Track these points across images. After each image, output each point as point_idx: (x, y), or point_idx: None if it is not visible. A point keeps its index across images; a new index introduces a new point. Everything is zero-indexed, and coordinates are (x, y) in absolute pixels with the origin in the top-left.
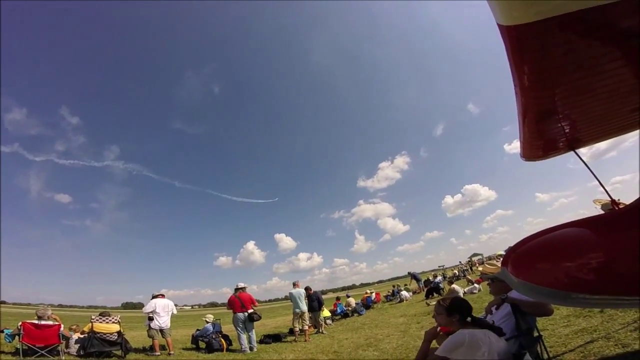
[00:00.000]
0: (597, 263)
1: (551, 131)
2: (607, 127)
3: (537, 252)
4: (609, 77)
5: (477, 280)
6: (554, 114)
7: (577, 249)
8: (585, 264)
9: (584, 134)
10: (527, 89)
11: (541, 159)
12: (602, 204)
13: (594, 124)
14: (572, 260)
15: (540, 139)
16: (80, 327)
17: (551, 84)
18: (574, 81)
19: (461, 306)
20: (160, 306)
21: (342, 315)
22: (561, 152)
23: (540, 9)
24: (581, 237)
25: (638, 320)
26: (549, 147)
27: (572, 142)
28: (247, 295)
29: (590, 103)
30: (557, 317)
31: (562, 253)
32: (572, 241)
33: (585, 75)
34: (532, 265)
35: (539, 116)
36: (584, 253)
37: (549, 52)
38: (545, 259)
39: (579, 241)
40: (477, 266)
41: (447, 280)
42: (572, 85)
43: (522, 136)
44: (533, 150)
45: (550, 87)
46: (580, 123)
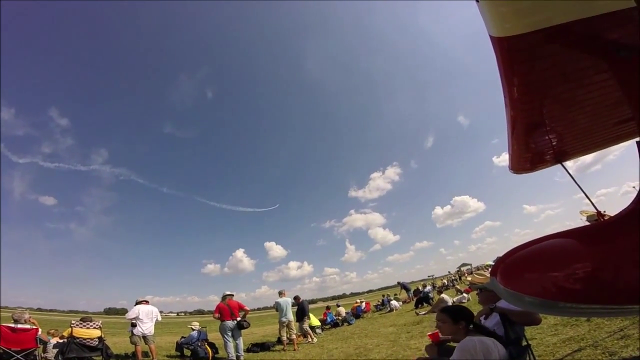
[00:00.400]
0: (583, 273)
1: (539, 144)
2: (593, 140)
3: (526, 262)
4: (595, 89)
5: (466, 289)
6: (542, 126)
7: (564, 259)
8: (572, 274)
9: (571, 146)
10: (516, 101)
11: (529, 171)
12: (587, 215)
13: (580, 136)
14: (560, 270)
15: (529, 151)
16: (59, 331)
17: (540, 96)
18: (561, 93)
19: (466, 313)
20: (144, 312)
21: (332, 324)
22: (548, 164)
23: (531, 21)
24: (568, 248)
25: (624, 328)
26: (537, 160)
27: (559, 155)
28: (236, 302)
29: (577, 115)
30: (545, 326)
31: (550, 263)
32: (559, 251)
33: (573, 88)
34: (521, 275)
35: (527, 128)
36: (571, 263)
37: (539, 63)
38: (533, 269)
39: (566, 251)
40: (466, 276)
41: (437, 289)
42: (560, 97)
43: (511, 148)
44: (521, 163)
45: (539, 99)
46: (567, 136)
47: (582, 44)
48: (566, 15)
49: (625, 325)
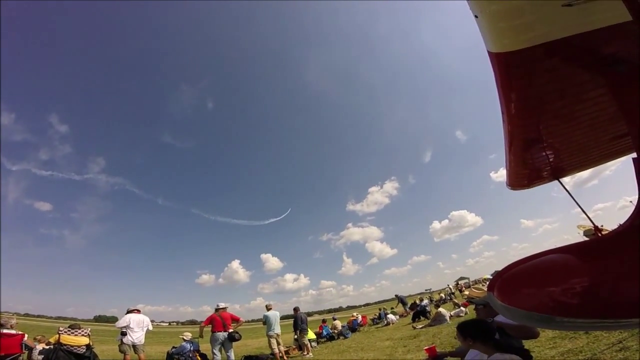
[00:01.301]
0: (581, 287)
1: (536, 160)
2: (590, 156)
3: (523, 277)
4: (592, 104)
5: (464, 303)
6: (540, 142)
7: (562, 274)
8: (570, 289)
9: (568, 162)
10: (514, 117)
11: (526, 187)
12: (585, 229)
13: (577, 152)
14: (557, 284)
15: (526, 167)
16: (46, 337)
17: (538, 112)
18: (559, 109)
19: (475, 329)
20: (135, 321)
21: (327, 337)
22: (546, 181)
23: (530, 36)
24: (566, 263)
25: (623, 340)
26: (534, 176)
27: (556, 171)
28: (229, 314)
29: (574, 131)
30: (543, 339)
31: (547, 278)
32: (556, 266)
33: (570, 103)
34: (518, 289)
35: (525, 144)
36: (568, 278)
37: (537, 79)
38: (530, 284)
39: (564, 266)
40: (464, 290)
41: (434, 303)
42: (557, 113)
43: (508, 164)
44: (519, 179)
45: (537, 115)
46: (564, 152)
47: (580, 58)
48: (564, 30)
49: (624, 337)
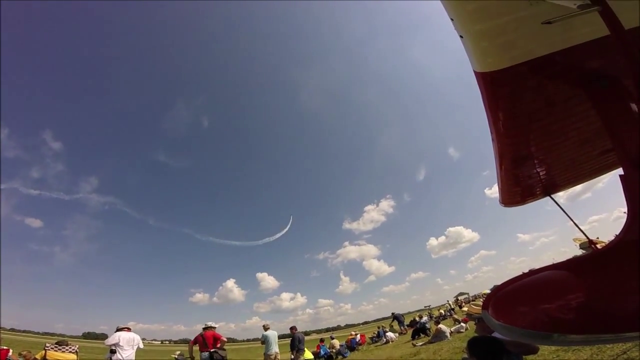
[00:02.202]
0: (577, 303)
1: (527, 177)
2: (580, 171)
3: (517, 295)
4: (578, 120)
5: (464, 319)
6: (530, 159)
7: (557, 290)
8: (566, 305)
9: (559, 179)
10: (502, 135)
11: (519, 204)
12: (580, 242)
13: (567, 168)
14: (553, 301)
15: (518, 185)
16: (32, 353)
17: (526, 130)
18: (546, 126)
19: (501, 350)
20: (125, 339)
21: (325, 357)
22: (538, 197)
23: (514, 54)
24: (561, 279)
25: (627, 351)
26: (526, 193)
27: (547, 188)
28: (211, 332)
29: (562, 147)
30: (546, 352)
31: (542, 295)
32: (552, 283)
33: (557, 119)
34: (513, 308)
35: (515, 162)
36: (564, 294)
37: (523, 96)
38: (525, 302)
39: (559, 283)
40: (464, 305)
41: (434, 320)
42: (545, 129)
43: (500, 182)
44: (511, 196)
45: (525, 133)
46: (555, 168)
47: (563, 75)
48: (547, 47)
49: (628, 347)
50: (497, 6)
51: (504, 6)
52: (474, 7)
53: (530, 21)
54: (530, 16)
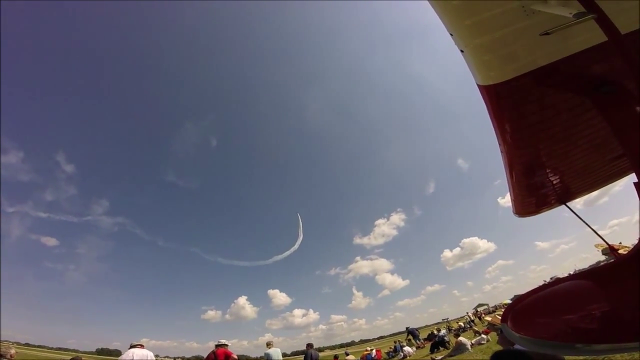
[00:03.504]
0: (600, 313)
1: (540, 186)
2: (594, 178)
3: (537, 306)
4: (587, 127)
5: (485, 330)
6: (541, 169)
7: (579, 300)
8: (589, 315)
9: (573, 186)
10: (511, 147)
11: (534, 214)
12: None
13: (580, 175)
14: (575, 312)
15: (531, 195)
16: None
17: (534, 140)
18: (555, 134)
19: None
20: (138, 356)
21: None
22: (553, 206)
23: (516, 66)
24: (582, 289)
25: None
26: (541, 203)
27: (562, 196)
28: (223, 350)
29: (574, 155)
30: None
31: (564, 306)
32: (573, 293)
33: (565, 128)
34: (533, 320)
35: (526, 172)
36: (587, 304)
37: (529, 107)
38: (546, 313)
39: (581, 293)
40: (483, 317)
41: (453, 332)
42: (554, 138)
43: (513, 193)
44: (525, 207)
45: (534, 143)
46: (568, 176)
47: (567, 83)
48: (548, 57)
49: None
50: (495, 19)
51: (501, 19)
52: (472, 22)
53: (529, 32)
54: (529, 27)
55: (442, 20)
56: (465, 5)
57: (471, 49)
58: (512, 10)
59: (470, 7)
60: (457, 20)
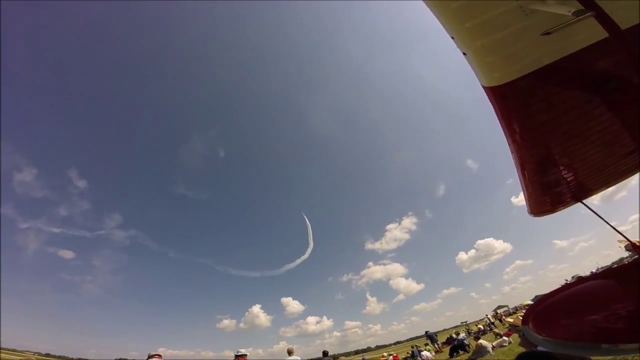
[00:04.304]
0: (626, 312)
1: (554, 185)
2: (608, 174)
3: (560, 307)
4: (596, 124)
5: (506, 332)
6: (553, 167)
7: (604, 300)
8: (614, 315)
9: (588, 183)
10: (521, 146)
11: (549, 213)
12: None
13: (594, 172)
14: (599, 312)
15: (545, 194)
16: None
17: (544, 139)
18: (566, 132)
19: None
20: None
21: None
22: (568, 204)
23: (520, 66)
24: (606, 288)
25: None
26: (556, 201)
27: (577, 194)
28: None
29: (586, 152)
30: None
31: (588, 306)
32: (596, 293)
33: (575, 125)
34: (555, 321)
35: (538, 171)
36: (612, 303)
37: (536, 106)
38: (568, 314)
39: (605, 292)
40: (504, 318)
41: (473, 335)
42: (565, 135)
43: (526, 192)
44: (539, 206)
45: (544, 142)
46: (581, 173)
47: (574, 79)
48: (551, 55)
49: None
50: (494, 21)
51: (500, 20)
52: (472, 24)
53: (529, 32)
54: (529, 27)
55: (442, 24)
56: (464, 8)
57: (473, 51)
58: (510, 11)
59: (469, 9)
60: (457, 23)
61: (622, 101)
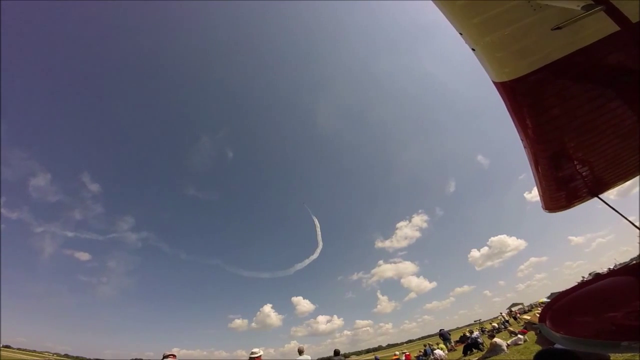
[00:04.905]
0: None
1: (569, 180)
2: (625, 168)
3: (577, 305)
4: (611, 118)
5: (521, 330)
6: (568, 161)
7: (623, 296)
8: (634, 311)
9: (604, 177)
10: (534, 141)
11: (565, 209)
12: None
13: (610, 166)
14: (618, 309)
15: (560, 189)
16: None
17: (558, 133)
18: (579, 127)
19: None
20: None
21: None
22: (584, 199)
23: (530, 61)
24: (626, 285)
25: None
26: (571, 197)
27: (593, 188)
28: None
29: (601, 146)
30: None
31: (606, 303)
32: (615, 290)
33: (589, 120)
34: (573, 319)
35: (552, 166)
36: (631, 301)
37: (548, 100)
38: (587, 312)
39: (624, 289)
40: (519, 316)
41: (487, 334)
42: (578, 130)
43: (540, 188)
44: (554, 201)
45: (558, 136)
46: (597, 168)
47: (586, 73)
48: (562, 50)
49: None
50: (503, 16)
51: (509, 16)
52: (480, 20)
53: (539, 27)
54: (538, 22)
55: (450, 20)
56: (471, 4)
57: (482, 47)
58: (519, 6)
59: (476, 5)
60: (464, 19)
61: (636, 94)
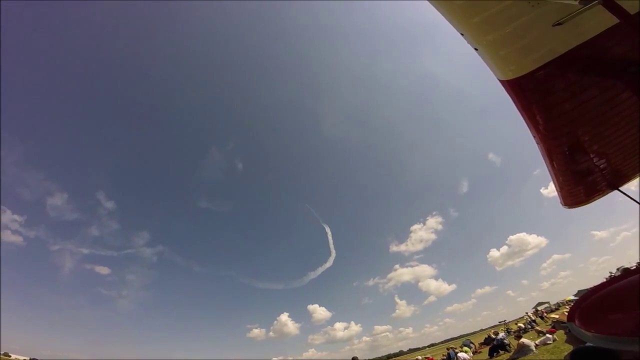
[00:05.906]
0: None
1: (586, 173)
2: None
3: (607, 302)
4: (624, 109)
5: (549, 330)
6: (584, 155)
7: None
8: None
9: (622, 170)
10: (546, 137)
11: (584, 204)
12: None
13: (627, 158)
14: None
15: (578, 184)
16: None
17: (570, 127)
18: (592, 119)
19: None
20: None
21: None
22: (604, 193)
23: (534, 57)
24: None
25: None
26: (590, 191)
27: (612, 181)
28: None
29: (615, 138)
30: None
31: (638, 299)
32: None
33: (601, 112)
34: (603, 317)
35: (568, 161)
36: None
37: (557, 95)
38: (617, 309)
39: None
40: (546, 315)
41: (513, 334)
42: (591, 124)
43: (558, 184)
44: (573, 197)
45: (571, 130)
46: (614, 160)
47: (593, 67)
48: (567, 44)
49: None
50: (502, 14)
51: (508, 13)
52: (480, 19)
53: (540, 23)
54: (538, 18)
55: (450, 21)
56: (469, 4)
57: (484, 46)
58: (517, 4)
59: (475, 5)
60: (464, 19)
61: None
